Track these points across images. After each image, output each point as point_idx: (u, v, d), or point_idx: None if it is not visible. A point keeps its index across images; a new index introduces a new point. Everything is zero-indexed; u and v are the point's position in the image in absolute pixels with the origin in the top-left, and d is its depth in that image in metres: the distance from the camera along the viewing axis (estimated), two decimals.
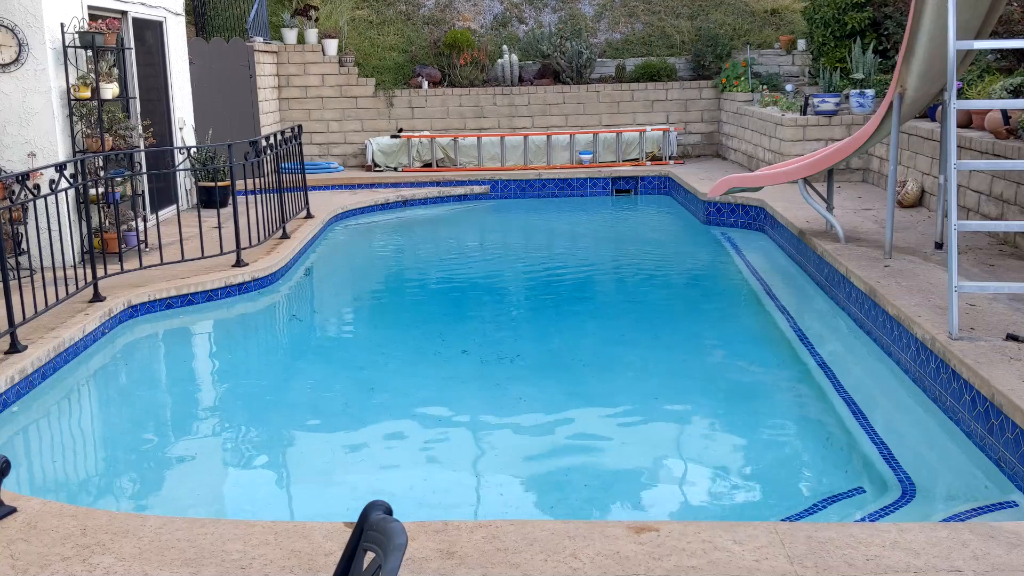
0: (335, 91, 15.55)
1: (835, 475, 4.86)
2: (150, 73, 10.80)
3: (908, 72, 7.44)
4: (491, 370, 6.64)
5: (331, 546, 3.56)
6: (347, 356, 7.29)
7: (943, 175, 7.89)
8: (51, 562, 3.51)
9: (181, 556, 3.53)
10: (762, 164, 12.91)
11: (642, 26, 16.62)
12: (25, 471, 5.09)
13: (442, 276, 10.02)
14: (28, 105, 8.50)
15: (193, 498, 4.79)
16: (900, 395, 5.87)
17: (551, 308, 8.47)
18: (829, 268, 8.00)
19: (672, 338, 7.37)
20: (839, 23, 13.62)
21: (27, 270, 7.72)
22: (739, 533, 3.62)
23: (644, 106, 15.59)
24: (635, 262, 10.54)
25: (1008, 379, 4.80)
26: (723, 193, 10.17)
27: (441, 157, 14.87)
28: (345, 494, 4.80)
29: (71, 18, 8.82)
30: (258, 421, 5.86)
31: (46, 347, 6.20)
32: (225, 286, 8.16)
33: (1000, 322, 5.81)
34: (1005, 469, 4.59)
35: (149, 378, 6.86)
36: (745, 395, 6.10)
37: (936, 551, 3.48)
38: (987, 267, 7.39)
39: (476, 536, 3.62)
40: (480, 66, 15.63)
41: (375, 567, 1.91)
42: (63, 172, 7.02)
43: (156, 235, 8.89)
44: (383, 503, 2.09)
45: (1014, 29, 10.27)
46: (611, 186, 14.27)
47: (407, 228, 12.53)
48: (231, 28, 15.49)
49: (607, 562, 3.42)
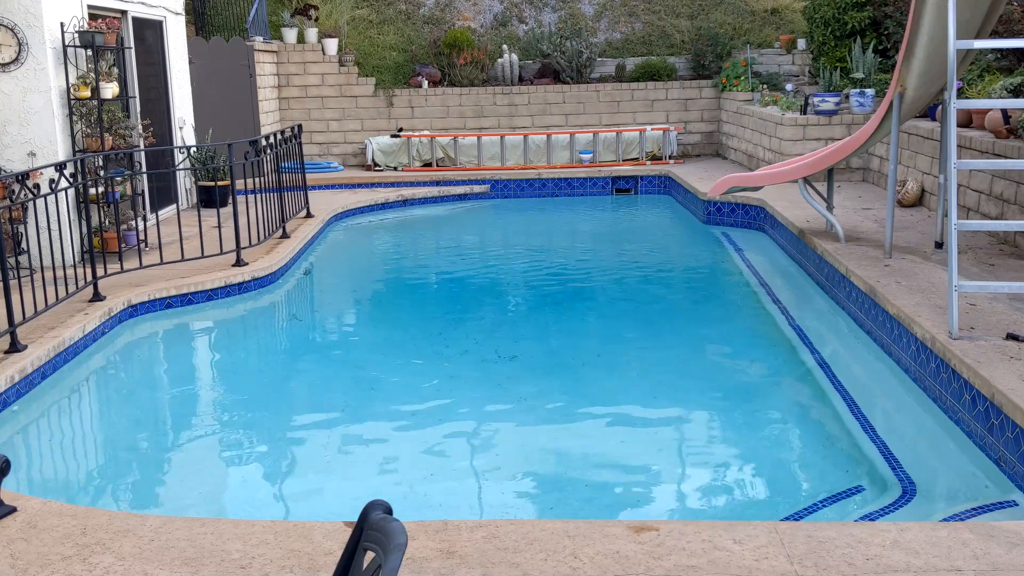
0: (335, 90, 15.55)
1: (835, 475, 4.86)
2: (150, 73, 10.80)
3: (908, 71, 7.44)
4: (491, 369, 6.65)
5: (331, 546, 3.56)
6: (347, 355, 7.29)
7: (943, 174, 7.89)
8: (51, 561, 3.51)
9: (181, 556, 3.53)
10: (762, 164, 12.91)
11: (642, 25, 16.62)
12: (25, 471, 5.09)
13: (442, 275, 10.02)
14: (28, 105, 8.50)
15: (193, 498, 4.80)
16: (900, 394, 5.87)
17: (551, 307, 8.47)
18: (829, 268, 8.00)
19: (672, 338, 7.37)
20: (839, 22, 13.62)
21: (27, 269, 7.72)
22: (739, 533, 3.62)
23: (644, 105, 15.59)
24: (635, 262, 10.53)
25: (1008, 378, 4.80)
26: (723, 193, 10.17)
27: (441, 157, 14.87)
28: (345, 494, 4.81)
29: (71, 17, 8.82)
30: (258, 420, 5.86)
31: (46, 347, 6.20)
32: (225, 285, 8.16)
33: (1000, 321, 5.81)
34: (1005, 468, 4.59)
35: (149, 378, 6.86)
36: (745, 394, 6.10)
37: (936, 551, 3.48)
38: (987, 267, 7.39)
39: (476, 536, 3.62)
40: (480, 66, 15.63)
41: (375, 567, 1.91)
42: (63, 171, 7.02)
43: (156, 234, 8.90)
44: (383, 502, 2.09)
45: (1014, 29, 10.27)
46: (611, 185, 14.27)
47: (407, 228, 12.53)
48: (231, 27, 15.48)
49: (607, 562, 3.42)
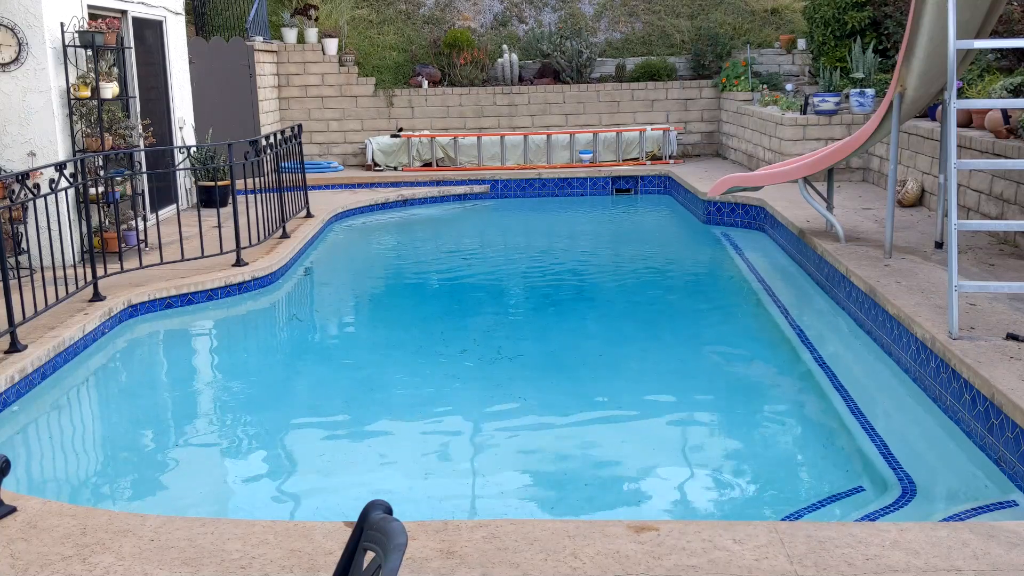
0: (335, 90, 15.55)
1: (835, 474, 4.86)
2: (150, 72, 10.80)
3: (908, 71, 7.44)
4: (491, 369, 6.65)
5: (331, 545, 3.56)
6: (347, 355, 7.29)
7: (943, 174, 7.88)
8: (51, 561, 3.51)
9: (181, 555, 3.53)
10: (762, 163, 12.91)
11: (642, 25, 16.62)
12: (25, 470, 5.09)
13: (442, 275, 10.02)
14: (28, 104, 8.50)
15: (193, 498, 4.80)
16: (900, 394, 5.87)
17: (551, 307, 8.47)
18: (829, 268, 8.00)
19: (672, 337, 7.37)
20: (839, 22, 13.62)
21: (27, 269, 7.72)
22: (739, 532, 3.62)
23: (644, 105, 15.59)
24: (635, 262, 10.54)
25: (1008, 378, 4.80)
26: (723, 192, 10.17)
27: (441, 156, 14.87)
28: (345, 493, 4.81)
29: (71, 17, 8.82)
30: (258, 420, 5.86)
31: (46, 346, 6.20)
32: (225, 285, 8.16)
33: (1000, 321, 5.81)
34: (1005, 468, 4.59)
35: (149, 378, 6.86)
36: (745, 394, 6.10)
37: (936, 550, 3.48)
38: (987, 266, 7.39)
39: (476, 536, 3.62)
40: (480, 65, 15.63)
41: (375, 567, 1.91)
42: (63, 171, 7.02)
43: (156, 234, 8.89)
44: (383, 502, 2.09)
45: (1014, 28, 10.27)
46: (611, 185, 14.26)
47: (407, 227, 12.53)
48: (231, 27, 15.48)
49: (607, 561, 3.42)
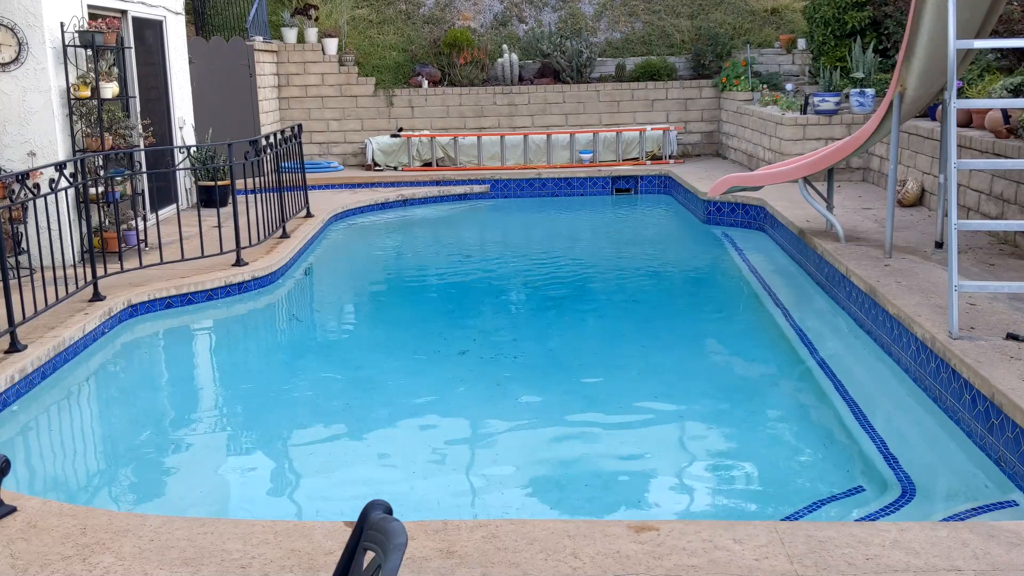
0: (335, 90, 15.55)
1: (835, 474, 4.86)
2: (150, 72, 10.80)
3: (908, 71, 7.43)
4: (491, 369, 6.65)
5: (331, 545, 3.56)
6: (347, 355, 7.29)
7: (943, 174, 7.88)
8: (51, 561, 3.51)
9: (181, 555, 3.53)
10: (762, 163, 12.91)
11: (642, 25, 16.62)
12: (25, 470, 5.09)
13: (442, 275, 10.01)
14: (28, 104, 8.50)
15: (193, 498, 4.79)
16: (900, 394, 5.87)
17: (551, 307, 8.47)
18: (829, 267, 8.00)
19: (672, 337, 7.37)
20: (839, 22, 13.62)
21: (27, 269, 7.72)
22: (739, 532, 3.62)
23: (644, 105, 15.59)
24: (635, 261, 10.54)
25: (1008, 378, 4.80)
26: (723, 192, 10.17)
27: (441, 156, 14.87)
28: (345, 493, 4.81)
29: (71, 17, 8.82)
30: (258, 420, 5.86)
31: (46, 346, 6.20)
32: (225, 285, 8.16)
33: (1000, 321, 5.81)
34: (1005, 468, 4.59)
35: (149, 377, 6.86)
36: (745, 394, 6.10)
37: (936, 550, 3.48)
38: (987, 266, 7.39)
39: (476, 535, 3.62)
40: (480, 65, 15.63)
41: (375, 566, 1.91)
42: (63, 171, 7.02)
43: (156, 234, 8.89)
44: (383, 502, 2.09)
45: (1014, 28, 10.27)
46: (611, 185, 14.26)
47: (407, 227, 12.53)
48: (231, 27, 15.48)
49: (607, 561, 3.42)
